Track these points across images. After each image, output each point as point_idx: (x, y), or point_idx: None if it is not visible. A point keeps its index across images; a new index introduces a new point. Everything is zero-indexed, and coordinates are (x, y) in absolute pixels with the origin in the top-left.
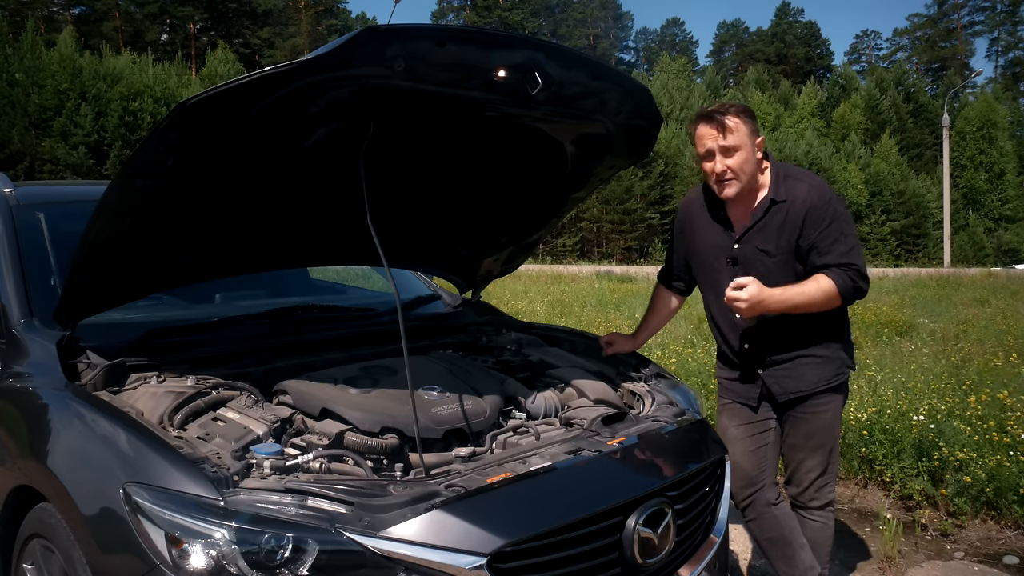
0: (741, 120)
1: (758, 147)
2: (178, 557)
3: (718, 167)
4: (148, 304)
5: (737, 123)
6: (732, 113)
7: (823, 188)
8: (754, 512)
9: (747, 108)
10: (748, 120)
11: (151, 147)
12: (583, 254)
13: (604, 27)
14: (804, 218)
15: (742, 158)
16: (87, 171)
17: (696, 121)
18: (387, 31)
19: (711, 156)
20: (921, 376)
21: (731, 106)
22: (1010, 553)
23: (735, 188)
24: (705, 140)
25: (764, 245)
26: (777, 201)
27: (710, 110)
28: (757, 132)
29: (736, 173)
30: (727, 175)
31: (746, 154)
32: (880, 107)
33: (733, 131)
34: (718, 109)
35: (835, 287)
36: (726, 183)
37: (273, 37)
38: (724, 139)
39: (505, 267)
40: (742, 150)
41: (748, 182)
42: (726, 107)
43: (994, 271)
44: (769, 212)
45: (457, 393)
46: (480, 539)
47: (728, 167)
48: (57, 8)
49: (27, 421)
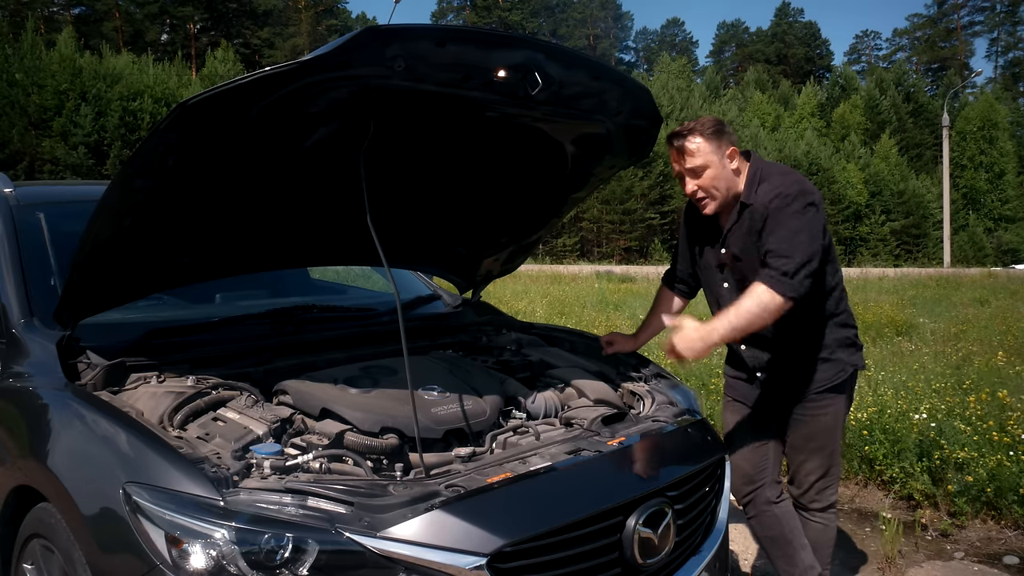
0: (703, 139)
1: (730, 157)
2: (178, 557)
3: (689, 187)
4: (148, 304)
5: (698, 144)
6: (694, 134)
7: (788, 186)
8: (754, 510)
9: (713, 123)
10: (711, 137)
11: (151, 147)
12: (583, 254)
13: (604, 27)
14: (766, 218)
15: (711, 175)
16: (87, 171)
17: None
18: (387, 31)
19: (683, 179)
20: (922, 375)
21: (694, 125)
22: (1010, 553)
23: (712, 206)
24: (674, 164)
25: (735, 249)
26: (747, 205)
27: (673, 133)
28: (725, 144)
29: (708, 191)
30: (698, 194)
31: (715, 171)
32: (880, 107)
33: (694, 153)
34: (680, 131)
35: (769, 290)
36: (702, 202)
37: (273, 37)
38: (686, 163)
39: (505, 267)
40: (709, 168)
41: (725, 195)
42: (687, 128)
43: (994, 271)
44: (741, 216)
45: (457, 393)
46: (480, 539)
47: (699, 186)
48: (57, 8)
49: (27, 421)
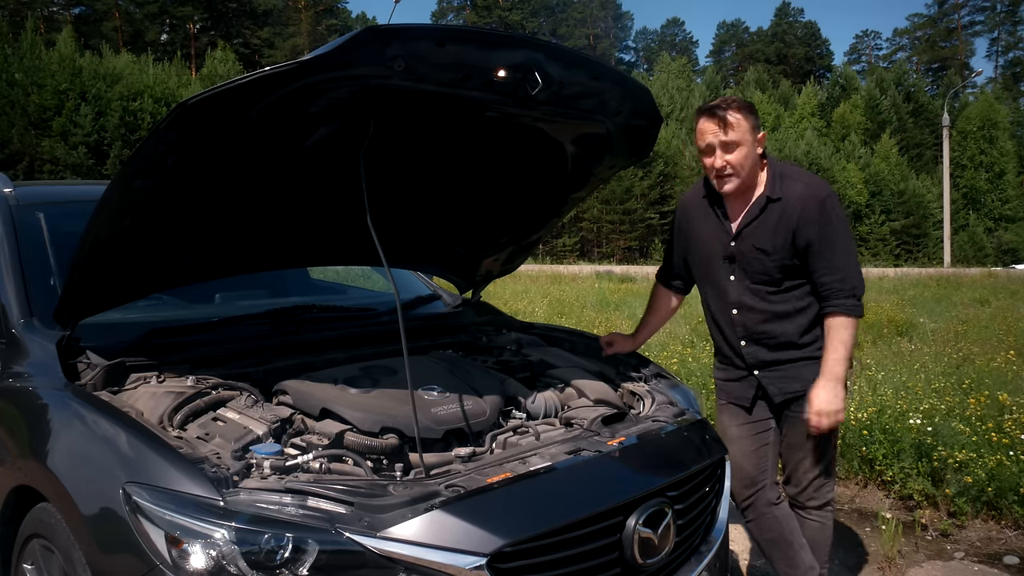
0: (743, 116)
1: (759, 143)
2: (178, 557)
3: (718, 162)
4: (148, 304)
5: (739, 119)
6: (734, 108)
7: (819, 187)
8: (755, 512)
9: (749, 104)
10: (750, 116)
11: (151, 147)
12: (583, 254)
13: (604, 27)
14: (799, 217)
15: (742, 154)
16: (87, 171)
17: (698, 115)
18: (387, 31)
19: (711, 151)
20: (922, 375)
21: (733, 101)
22: (1010, 553)
23: (734, 184)
24: (706, 135)
25: (761, 244)
26: (773, 199)
27: (712, 104)
28: (759, 128)
29: (736, 169)
30: (726, 170)
31: (747, 150)
32: (880, 107)
33: (734, 127)
34: (720, 104)
35: (850, 319)
36: (725, 178)
37: (273, 37)
38: (725, 135)
39: (505, 267)
40: (743, 146)
41: (747, 178)
42: (728, 102)
43: (994, 271)
44: (765, 210)
45: (457, 393)
46: (480, 539)
47: (728, 162)
48: (57, 8)
49: (27, 421)
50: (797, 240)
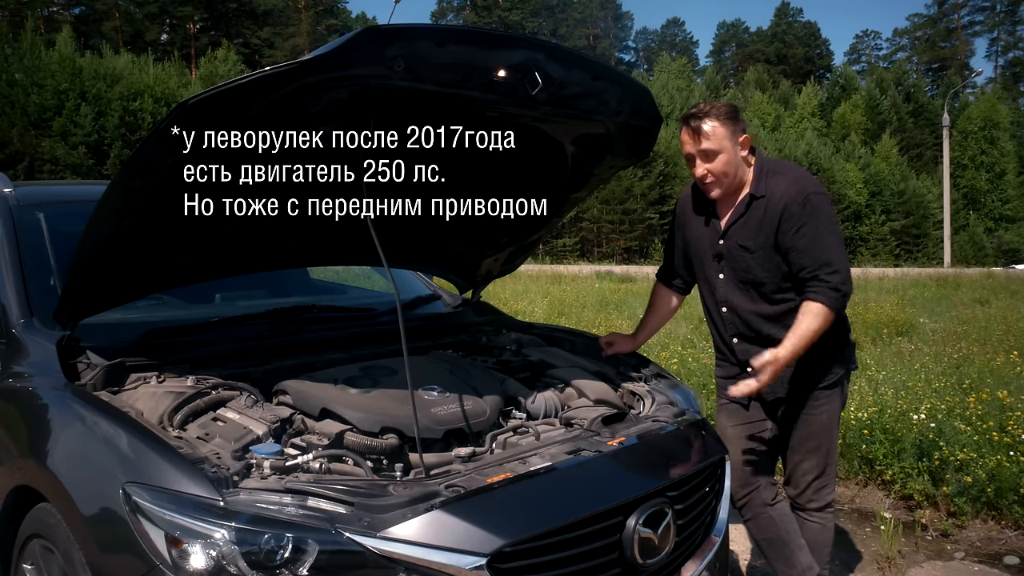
0: (719, 123)
1: (742, 145)
2: (178, 557)
3: (699, 171)
4: (148, 304)
5: (714, 126)
6: (711, 117)
7: (803, 182)
8: (750, 512)
9: (728, 109)
10: (727, 122)
11: (151, 147)
12: (583, 254)
13: (604, 27)
14: (782, 213)
15: (723, 161)
16: (87, 171)
17: (680, 124)
18: (387, 31)
19: (693, 160)
20: (922, 375)
21: (711, 108)
22: (1010, 553)
23: (718, 190)
24: (686, 145)
25: (744, 241)
26: (757, 197)
27: (689, 114)
28: (741, 131)
29: (717, 176)
30: (708, 178)
31: (727, 156)
32: (880, 107)
33: (709, 136)
34: (695, 113)
35: (824, 308)
36: (708, 185)
37: (273, 37)
38: (700, 144)
39: (505, 267)
40: (722, 153)
41: (732, 181)
42: (704, 111)
43: (994, 271)
44: (750, 208)
45: (457, 393)
46: (480, 539)
47: (709, 170)
48: (57, 8)
49: (27, 421)
50: (780, 235)
